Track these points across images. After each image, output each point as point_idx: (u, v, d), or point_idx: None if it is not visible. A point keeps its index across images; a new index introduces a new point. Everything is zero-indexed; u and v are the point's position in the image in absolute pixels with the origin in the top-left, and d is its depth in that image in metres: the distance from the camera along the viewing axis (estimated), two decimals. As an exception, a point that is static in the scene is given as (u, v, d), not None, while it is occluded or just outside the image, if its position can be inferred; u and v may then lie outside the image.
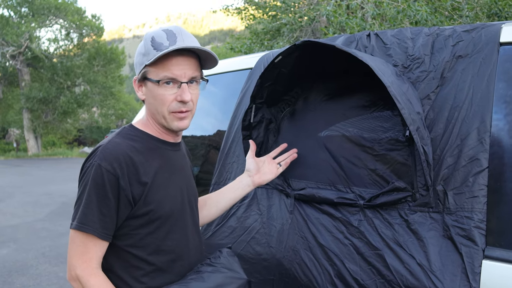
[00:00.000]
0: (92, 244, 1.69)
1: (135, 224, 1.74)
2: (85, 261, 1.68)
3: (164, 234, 1.80)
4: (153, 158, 1.80)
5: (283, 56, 2.10)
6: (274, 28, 12.22)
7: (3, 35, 34.06)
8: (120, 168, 1.67)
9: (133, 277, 1.77)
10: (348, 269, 1.91)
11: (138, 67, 1.78)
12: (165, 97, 1.76)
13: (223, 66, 3.25)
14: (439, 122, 1.85)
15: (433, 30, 2.04)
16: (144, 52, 1.75)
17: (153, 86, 1.76)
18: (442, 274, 1.67)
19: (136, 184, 1.70)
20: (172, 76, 1.74)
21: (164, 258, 1.81)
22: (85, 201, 1.67)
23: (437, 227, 1.76)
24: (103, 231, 1.68)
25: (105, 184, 1.65)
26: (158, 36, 1.75)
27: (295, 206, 2.15)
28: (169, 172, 1.84)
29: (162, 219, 1.79)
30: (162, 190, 1.79)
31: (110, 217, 1.68)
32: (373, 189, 1.96)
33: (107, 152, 1.69)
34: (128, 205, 1.70)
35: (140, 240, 1.76)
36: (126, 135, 1.81)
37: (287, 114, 2.39)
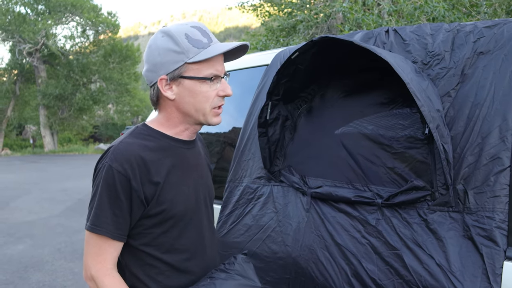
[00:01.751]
0: (106, 245, 1.69)
1: (148, 223, 1.74)
2: (99, 261, 1.69)
3: (178, 233, 1.79)
4: (166, 157, 1.78)
5: (300, 53, 2.07)
6: (290, 25, 12.21)
7: (20, 32, 34.39)
8: (132, 169, 1.66)
9: (148, 276, 1.78)
10: (365, 268, 1.88)
11: (169, 66, 1.72)
12: (209, 93, 1.75)
13: (238, 63, 3.23)
14: (460, 120, 1.81)
15: (453, 26, 2.00)
16: (180, 49, 1.70)
17: (194, 84, 1.73)
18: (462, 275, 1.64)
19: (148, 184, 1.70)
20: (217, 73, 1.74)
21: (178, 257, 1.80)
22: (97, 203, 1.68)
23: (457, 227, 1.72)
24: (116, 232, 1.69)
25: (116, 185, 1.65)
26: (192, 33, 1.72)
27: (311, 205, 2.13)
28: (182, 171, 1.83)
29: (176, 218, 1.78)
30: (175, 189, 1.77)
31: (123, 218, 1.69)
32: (391, 188, 1.93)
33: (118, 153, 1.68)
34: (141, 205, 1.70)
35: (154, 239, 1.76)
36: (138, 134, 1.79)
37: (303, 111, 2.36)
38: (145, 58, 1.78)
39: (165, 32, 1.74)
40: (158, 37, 1.75)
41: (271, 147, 2.34)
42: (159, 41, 1.73)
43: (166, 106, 1.80)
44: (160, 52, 1.72)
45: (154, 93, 1.79)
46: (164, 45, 1.71)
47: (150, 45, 1.76)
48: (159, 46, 1.72)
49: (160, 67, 1.72)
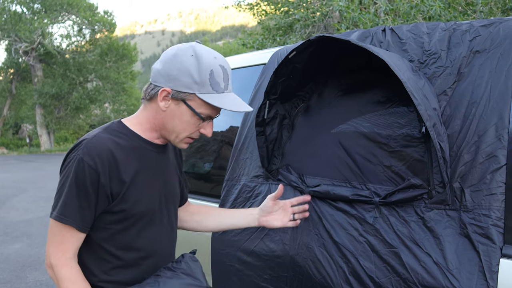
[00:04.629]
0: (69, 235, 1.73)
1: (109, 219, 1.78)
2: (61, 250, 1.74)
3: (136, 233, 1.84)
4: (135, 158, 1.81)
5: (297, 52, 2.08)
6: (287, 24, 12.21)
7: (16, 31, 34.28)
8: (102, 164, 1.70)
9: (101, 270, 1.82)
10: (363, 266, 1.89)
11: (180, 86, 1.73)
12: (193, 126, 1.80)
13: (235, 62, 3.23)
14: (456, 118, 1.82)
15: (449, 25, 2.01)
16: (199, 80, 1.71)
17: (188, 112, 1.76)
18: (459, 272, 1.65)
19: (116, 181, 1.74)
20: (212, 115, 1.80)
21: (133, 255, 1.85)
22: (66, 194, 1.71)
23: (454, 225, 1.73)
24: (82, 223, 1.73)
25: (86, 178, 1.69)
26: (216, 72, 1.73)
27: (309, 203, 2.13)
28: (149, 173, 1.87)
29: (136, 218, 1.82)
30: (139, 190, 1.81)
31: (89, 210, 1.72)
32: (389, 186, 1.94)
33: (91, 147, 1.71)
34: (106, 200, 1.74)
35: (112, 235, 1.81)
36: (112, 131, 1.82)
37: (301, 110, 2.37)
38: (165, 59, 1.78)
39: (196, 54, 1.73)
40: (188, 54, 1.74)
41: (268, 146, 2.35)
42: (185, 59, 1.73)
43: (153, 109, 1.83)
44: (181, 69, 1.72)
45: (151, 92, 1.80)
46: (187, 66, 1.72)
47: (177, 54, 1.75)
48: (184, 63, 1.72)
49: (172, 80, 1.73)
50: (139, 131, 1.86)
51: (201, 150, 3.30)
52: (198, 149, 3.33)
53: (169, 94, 1.74)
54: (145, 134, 1.87)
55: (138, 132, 1.86)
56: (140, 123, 1.87)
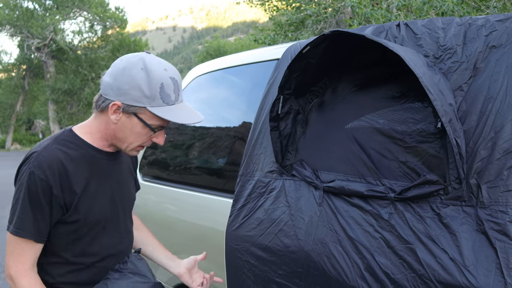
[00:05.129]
0: (27, 247, 1.80)
1: (63, 229, 1.85)
2: (20, 262, 1.79)
3: (89, 240, 1.90)
4: (86, 168, 1.86)
5: (311, 47, 2.07)
6: (298, 19, 12.17)
7: (28, 28, 34.53)
8: (53, 176, 1.74)
9: (58, 273, 1.89)
10: (378, 262, 1.88)
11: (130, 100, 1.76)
12: (144, 137, 1.85)
13: (247, 57, 3.23)
14: (472, 114, 1.81)
15: (465, 20, 1.99)
16: (149, 94, 1.75)
17: (138, 123, 1.80)
18: (476, 269, 1.63)
19: (67, 192, 1.79)
20: (163, 125, 1.84)
21: (88, 259, 1.91)
22: (20, 207, 1.78)
23: (470, 221, 1.71)
24: (38, 235, 1.79)
25: (38, 191, 1.73)
26: (167, 85, 1.77)
27: (324, 199, 2.13)
28: (100, 181, 1.92)
29: (89, 227, 1.88)
30: (91, 199, 1.87)
31: (44, 222, 1.79)
32: (404, 182, 1.93)
33: (40, 160, 1.75)
34: (60, 210, 1.80)
35: (66, 244, 1.87)
36: (62, 140, 1.85)
37: (315, 105, 2.36)
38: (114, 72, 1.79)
39: (146, 68, 1.75)
40: (138, 67, 1.76)
41: (282, 141, 2.35)
42: (135, 73, 1.75)
43: (104, 120, 1.86)
44: (131, 83, 1.74)
45: (102, 105, 1.82)
46: (137, 81, 1.74)
47: (126, 67, 1.77)
48: (133, 78, 1.75)
49: (123, 94, 1.76)
50: (89, 140, 1.90)
51: (213, 146, 3.30)
52: (211, 144, 3.33)
53: (120, 107, 1.77)
54: (95, 143, 1.91)
55: (88, 141, 1.90)
56: (91, 132, 1.91)
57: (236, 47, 48.57)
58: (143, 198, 3.83)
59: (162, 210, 3.50)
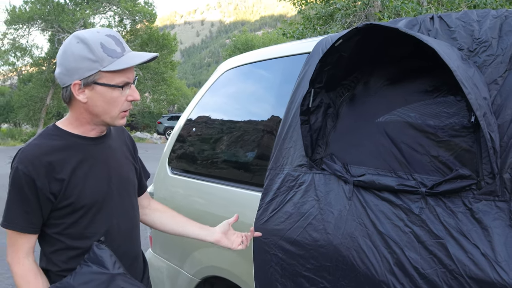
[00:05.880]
0: (18, 237, 1.91)
1: (58, 215, 1.93)
2: (13, 251, 1.92)
3: (87, 222, 1.97)
4: (72, 155, 1.93)
5: (344, 40, 2.06)
6: (327, 13, 12.11)
7: (59, 22, 34.95)
8: (35, 170, 1.83)
9: (61, 260, 1.97)
10: (408, 257, 1.86)
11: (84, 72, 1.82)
12: (120, 99, 1.89)
13: (277, 51, 3.23)
14: (507, 108, 1.77)
15: (501, 12, 1.96)
16: (95, 58, 1.80)
17: (106, 90, 1.85)
18: (508, 265, 1.61)
19: (53, 182, 1.87)
20: (128, 80, 1.88)
21: (88, 242, 1.97)
22: (8, 201, 1.89)
23: (503, 216, 1.69)
24: (27, 226, 1.89)
25: (23, 185, 1.84)
26: (107, 42, 1.83)
27: (353, 193, 2.12)
28: (89, 165, 1.98)
29: (85, 209, 1.95)
30: (81, 183, 1.93)
31: (33, 213, 1.88)
32: (436, 177, 1.90)
33: (23, 156, 1.86)
34: (48, 201, 1.88)
35: (65, 228, 1.95)
36: (47, 135, 1.95)
37: (346, 99, 2.35)
38: (59, 61, 1.87)
39: (80, 39, 1.83)
40: (73, 43, 1.83)
41: (313, 135, 2.34)
42: (74, 48, 1.82)
43: (77, 107, 1.93)
44: (75, 58, 1.82)
45: (66, 94, 1.90)
46: (79, 52, 1.81)
47: (65, 50, 1.85)
48: (75, 52, 1.82)
49: (75, 72, 1.82)
50: (71, 130, 1.98)
51: (242, 139, 3.31)
52: (239, 138, 3.34)
53: (80, 84, 1.83)
54: (77, 130, 1.98)
55: (70, 130, 1.97)
56: (71, 123, 1.99)
57: (264, 41, 48.52)
58: (171, 191, 3.86)
59: (190, 203, 3.52)
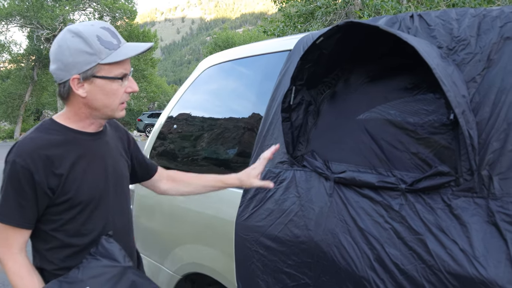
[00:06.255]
0: (12, 232, 1.85)
1: (55, 210, 1.88)
2: (5, 246, 1.86)
3: (84, 219, 1.93)
4: (70, 150, 1.89)
5: (325, 38, 2.07)
6: (308, 11, 12.13)
7: (37, 18, 34.58)
8: (33, 163, 1.78)
9: (57, 258, 1.92)
10: (388, 253, 1.88)
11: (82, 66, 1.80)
12: (119, 90, 1.88)
13: (258, 48, 3.23)
14: (485, 105, 1.80)
15: (479, 11, 1.98)
16: (93, 51, 1.79)
17: (105, 82, 1.84)
18: (486, 260, 1.63)
19: (52, 176, 1.82)
20: (126, 72, 1.88)
21: (84, 240, 1.94)
22: (3, 195, 1.83)
23: (481, 212, 1.71)
24: (22, 221, 1.84)
25: (20, 179, 1.79)
26: (103, 35, 1.82)
27: (334, 189, 2.13)
28: (88, 161, 1.95)
29: (82, 205, 1.91)
30: (79, 179, 1.90)
31: (29, 208, 1.83)
32: (415, 173, 1.93)
33: (21, 149, 1.81)
34: (46, 196, 1.84)
35: (62, 225, 1.91)
36: (44, 129, 1.91)
37: (327, 96, 2.36)
38: (54, 57, 1.85)
39: (75, 33, 1.81)
40: (68, 37, 1.82)
41: (294, 132, 2.35)
42: (70, 42, 1.81)
43: (75, 102, 1.90)
44: (72, 52, 1.80)
45: (64, 90, 1.87)
46: (76, 46, 1.80)
47: (60, 45, 1.83)
48: (71, 46, 1.80)
49: (72, 67, 1.81)
50: (69, 124, 1.94)
51: (222, 137, 3.31)
52: (220, 135, 3.34)
53: (79, 78, 1.81)
54: (76, 125, 1.95)
55: (68, 125, 1.94)
56: (69, 117, 1.95)
57: (244, 39, 48.53)
58: (152, 188, 3.84)
59: (170, 200, 3.50)
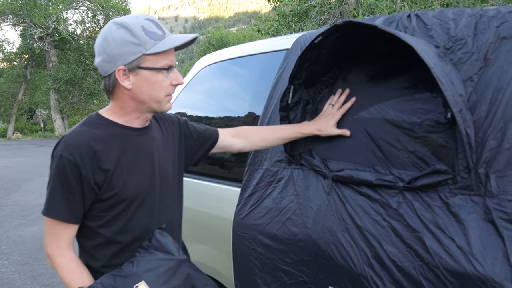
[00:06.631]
0: (60, 227, 1.85)
1: (102, 206, 1.87)
2: (54, 241, 1.86)
3: (130, 215, 1.92)
4: (116, 144, 1.88)
5: (323, 37, 2.09)
6: (302, 10, 12.14)
7: (31, 17, 34.44)
8: (81, 158, 1.77)
9: (103, 255, 1.92)
10: (386, 251, 1.90)
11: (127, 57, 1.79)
12: (164, 82, 1.85)
13: (255, 48, 3.23)
14: (482, 104, 1.82)
15: (476, 10, 2.00)
16: (138, 41, 1.77)
17: (151, 74, 1.82)
18: (483, 257, 1.65)
19: (98, 171, 1.81)
20: (171, 63, 1.85)
21: (129, 237, 1.93)
22: (51, 190, 1.82)
23: (478, 210, 1.73)
24: (69, 216, 1.83)
25: (68, 173, 1.77)
26: (147, 26, 1.81)
27: (332, 188, 2.15)
28: (133, 157, 1.92)
29: (128, 201, 1.89)
30: (125, 174, 1.88)
31: (75, 203, 1.82)
32: (413, 171, 1.94)
33: (68, 143, 1.79)
34: (92, 191, 1.82)
35: (107, 221, 1.90)
36: (90, 123, 1.89)
37: (325, 95, 2.38)
38: (99, 49, 1.84)
39: (120, 24, 1.80)
40: (113, 29, 1.80)
41: (292, 130, 2.35)
42: (115, 33, 1.79)
43: (121, 95, 1.88)
44: (117, 44, 1.78)
45: (110, 83, 1.86)
46: (121, 37, 1.78)
47: (106, 37, 1.81)
48: (116, 38, 1.79)
49: (118, 58, 1.79)
50: (115, 119, 1.93)
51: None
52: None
53: (125, 70, 1.81)
54: (122, 120, 1.93)
55: (115, 120, 1.93)
56: (115, 112, 1.94)
57: (238, 38, 48.49)
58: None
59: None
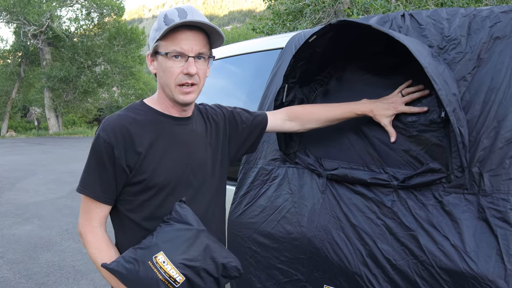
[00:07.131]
0: (93, 205, 1.89)
1: (132, 190, 1.89)
2: (86, 219, 1.91)
3: (159, 202, 1.92)
4: (152, 130, 1.90)
5: (318, 36, 2.09)
6: (297, 9, 12.14)
7: (24, 14, 34.27)
8: (115, 138, 1.82)
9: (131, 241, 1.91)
10: (380, 249, 1.91)
11: (151, 42, 1.87)
12: (173, 69, 1.84)
13: (249, 47, 3.24)
14: (476, 104, 1.83)
15: (469, 11, 2.01)
16: (157, 28, 1.84)
17: (162, 59, 1.85)
18: (477, 255, 1.67)
19: (131, 153, 1.84)
20: (180, 50, 1.82)
21: (157, 224, 1.91)
22: (86, 167, 1.89)
23: (472, 208, 1.75)
24: (102, 195, 1.87)
25: (102, 152, 1.82)
26: (171, 13, 1.83)
27: (327, 186, 2.16)
28: (168, 144, 1.93)
29: (158, 188, 1.90)
30: (157, 160, 1.89)
31: (108, 182, 1.85)
32: (407, 170, 1.96)
33: (106, 124, 1.86)
34: (123, 172, 1.84)
35: (137, 206, 1.91)
36: (131, 108, 1.96)
37: (319, 94, 2.38)
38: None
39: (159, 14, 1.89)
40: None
41: (286, 129, 2.36)
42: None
43: (157, 80, 1.95)
44: (151, 31, 1.90)
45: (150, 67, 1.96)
46: (152, 26, 1.90)
47: None
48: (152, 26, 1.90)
49: (150, 44, 1.90)
50: (156, 106, 1.97)
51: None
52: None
53: (149, 55, 1.90)
54: (161, 108, 1.97)
55: (154, 107, 1.97)
56: (155, 99, 1.99)
57: (233, 36, 48.39)
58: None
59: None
